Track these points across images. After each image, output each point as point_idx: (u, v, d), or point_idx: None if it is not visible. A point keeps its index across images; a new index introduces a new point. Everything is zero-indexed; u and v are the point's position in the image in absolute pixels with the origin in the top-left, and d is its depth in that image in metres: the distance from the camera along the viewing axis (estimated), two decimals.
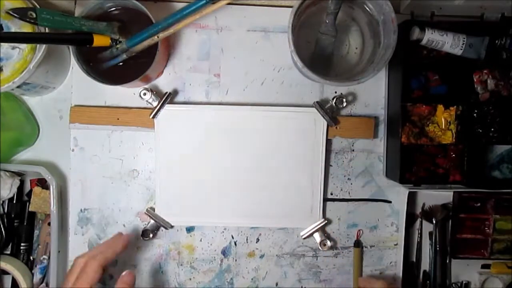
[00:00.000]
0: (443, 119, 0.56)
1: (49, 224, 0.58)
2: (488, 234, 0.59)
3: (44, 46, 0.50)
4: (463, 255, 0.60)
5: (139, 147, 0.60)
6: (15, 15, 0.44)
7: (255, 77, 0.60)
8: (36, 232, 0.60)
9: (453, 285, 0.62)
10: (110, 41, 0.52)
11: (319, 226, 0.59)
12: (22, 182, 0.60)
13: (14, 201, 0.59)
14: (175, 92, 0.60)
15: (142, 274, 0.60)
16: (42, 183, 0.59)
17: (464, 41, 0.54)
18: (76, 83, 0.59)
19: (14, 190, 0.58)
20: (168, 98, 0.57)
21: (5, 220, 0.59)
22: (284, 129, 0.57)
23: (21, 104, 0.60)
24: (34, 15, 0.44)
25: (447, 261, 0.61)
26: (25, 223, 0.59)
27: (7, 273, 0.58)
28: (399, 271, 0.60)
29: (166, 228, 0.59)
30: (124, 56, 0.53)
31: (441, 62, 0.57)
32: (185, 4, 0.51)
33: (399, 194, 0.61)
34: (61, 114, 0.61)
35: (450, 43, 0.54)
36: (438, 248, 0.61)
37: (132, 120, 0.57)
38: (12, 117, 0.57)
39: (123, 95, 0.59)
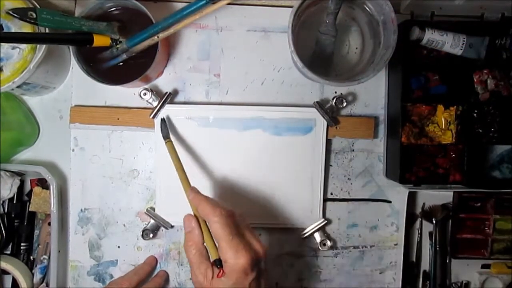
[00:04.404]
0: (443, 119, 0.56)
1: (49, 224, 0.58)
2: (488, 234, 0.59)
3: (44, 46, 0.50)
4: (463, 255, 0.60)
5: (139, 147, 0.60)
6: (15, 15, 0.44)
7: (255, 77, 0.60)
8: (36, 232, 0.60)
9: (453, 285, 0.62)
10: (110, 41, 0.52)
11: (319, 226, 0.59)
12: (22, 182, 0.60)
13: (14, 201, 0.59)
14: (175, 92, 0.60)
15: None
16: (42, 183, 0.59)
17: (464, 41, 0.54)
18: (76, 83, 0.59)
19: (14, 190, 0.58)
20: (168, 98, 0.57)
21: (5, 220, 0.59)
22: (284, 129, 0.57)
23: (21, 104, 0.60)
24: (34, 15, 0.44)
25: (447, 261, 0.61)
26: (25, 223, 0.60)
27: (7, 273, 0.58)
28: (399, 271, 0.60)
29: (166, 228, 0.59)
30: (124, 56, 0.53)
31: (441, 62, 0.57)
32: (185, 4, 0.51)
33: (399, 194, 0.61)
34: (61, 114, 0.61)
35: (450, 43, 0.54)
36: (438, 248, 0.61)
37: (132, 120, 0.57)
38: (12, 117, 0.57)
39: (123, 95, 0.59)
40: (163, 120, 0.56)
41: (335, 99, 0.57)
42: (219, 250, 0.41)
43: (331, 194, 0.61)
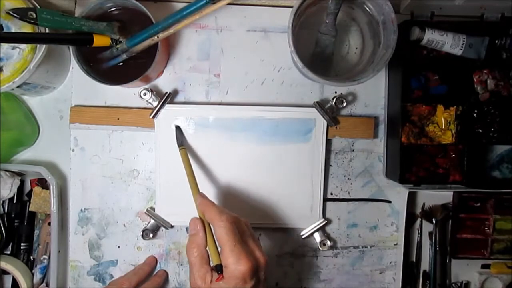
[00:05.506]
0: (443, 119, 0.56)
1: (49, 224, 0.58)
2: (488, 234, 0.59)
3: (44, 46, 0.50)
4: (463, 255, 0.60)
5: (139, 147, 0.60)
6: (15, 15, 0.44)
7: (255, 77, 0.60)
8: (36, 232, 0.60)
9: (453, 285, 0.62)
10: (110, 41, 0.52)
11: (319, 226, 0.59)
12: (22, 182, 0.60)
13: (14, 201, 0.59)
14: (175, 92, 0.60)
15: None
16: (42, 183, 0.59)
17: (464, 41, 0.54)
18: (76, 83, 0.59)
19: (14, 190, 0.58)
20: (168, 98, 0.57)
21: (5, 220, 0.59)
22: (284, 129, 0.57)
23: (21, 104, 0.60)
24: (34, 15, 0.44)
25: (447, 261, 0.61)
26: (25, 223, 0.60)
27: (7, 273, 0.58)
28: (399, 271, 0.60)
29: (166, 228, 0.59)
30: (124, 56, 0.53)
31: (441, 62, 0.57)
32: (185, 4, 0.51)
33: (399, 194, 0.61)
34: (61, 114, 0.61)
35: (450, 43, 0.54)
36: (438, 248, 0.61)
37: (132, 120, 0.57)
38: (12, 117, 0.57)
39: (123, 95, 0.59)
40: (178, 127, 0.56)
41: (335, 99, 0.57)
42: (221, 255, 0.41)
43: (331, 194, 0.61)
